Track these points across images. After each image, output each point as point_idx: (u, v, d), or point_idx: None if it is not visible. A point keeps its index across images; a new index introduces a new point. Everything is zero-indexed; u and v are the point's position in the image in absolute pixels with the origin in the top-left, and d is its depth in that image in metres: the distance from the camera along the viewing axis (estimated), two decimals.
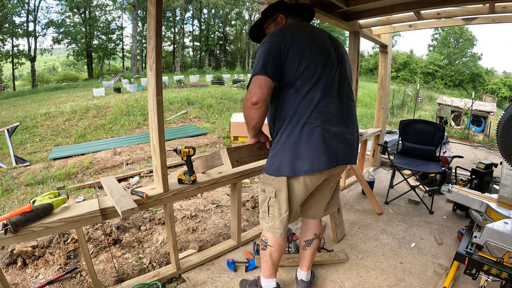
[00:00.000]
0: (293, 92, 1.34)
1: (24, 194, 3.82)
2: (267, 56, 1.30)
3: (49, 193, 1.51)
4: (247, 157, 1.50)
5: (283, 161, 1.36)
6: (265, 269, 1.65)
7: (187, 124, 8.26)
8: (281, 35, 1.33)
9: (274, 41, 1.32)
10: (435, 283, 1.93)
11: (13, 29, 22.94)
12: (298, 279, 1.82)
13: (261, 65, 1.29)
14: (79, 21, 27.60)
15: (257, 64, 1.31)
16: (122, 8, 29.85)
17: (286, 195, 1.42)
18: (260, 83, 1.28)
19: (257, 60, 1.33)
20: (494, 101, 17.20)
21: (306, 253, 1.74)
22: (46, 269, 2.06)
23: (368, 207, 3.03)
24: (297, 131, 1.34)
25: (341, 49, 1.49)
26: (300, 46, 1.33)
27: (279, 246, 1.55)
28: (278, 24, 1.53)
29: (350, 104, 1.50)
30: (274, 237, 1.53)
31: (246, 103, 1.32)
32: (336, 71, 1.41)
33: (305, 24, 1.50)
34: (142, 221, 2.72)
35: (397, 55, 32.73)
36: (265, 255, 1.60)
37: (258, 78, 1.28)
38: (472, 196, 2.03)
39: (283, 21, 1.52)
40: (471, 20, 3.09)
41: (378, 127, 4.16)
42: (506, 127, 1.71)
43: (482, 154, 5.79)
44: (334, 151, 1.37)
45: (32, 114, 8.70)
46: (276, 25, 1.53)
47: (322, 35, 1.44)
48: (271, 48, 1.32)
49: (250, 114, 1.35)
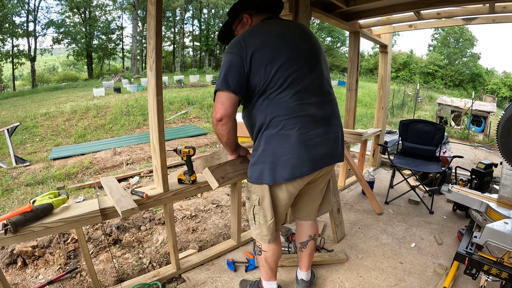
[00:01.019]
0: (265, 99, 1.28)
1: (24, 194, 3.82)
2: (228, 68, 1.24)
3: (49, 193, 1.51)
4: (232, 172, 1.45)
5: (263, 169, 1.32)
6: (263, 273, 1.65)
7: (187, 124, 8.26)
8: (242, 43, 1.26)
9: (234, 51, 1.26)
10: (435, 283, 1.93)
11: (13, 29, 22.93)
12: (298, 279, 1.82)
13: (222, 79, 1.23)
14: (79, 21, 27.59)
15: (219, 77, 1.26)
16: (122, 8, 29.85)
17: (269, 202, 1.39)
18: (223, 99, 1.23)
19: (220, 72, 1.28)
20: (494, 101, 17.20)
21: (303, 254, 1.73)
22: (46, 269, 2.06)
23: (368, 207, 3.03)
24: (275, 138, 1.28)
25: (313, 39, 1.41)
26: (266, 50, 1.25)
27: (273, 251, 1.54)
28: (244, 25, 1.45)
29: (331, 99, 1.42)
30: (268, 242, 1.50)
31: (213, 120, 1.28)
32: (312, 68, 1.34)
33: (270, 22, 1.39)
34: (142, 221, 2.72)
35: (397, 55, 32.73)
36: (261, 260, 1.60)
37: (221, 94, 1.23)
38: (472, 196, 2.03)
39: (249, 21, 1.43)
40: (471, 20, 3.08)
41: (378, 127, 4.15)
42: (506, 127, 1.71)
43: (482, 154, 5.79)
44: (316, 155, 1.31)
45: (32, 114, 8.70)
46: (243, 26, 1.46)
47: (290, 29, 1.36)
48: (231, 59, 1.26)
49: (218, 131, 1.30)
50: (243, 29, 1.44)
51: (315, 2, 2.50)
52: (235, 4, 1.45)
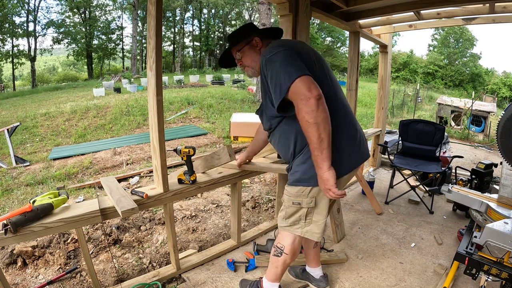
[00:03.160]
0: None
1: (24, 194, 3.82)
2: (292, 60, 1.23)
3: (49, 193, 1.51)
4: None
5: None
6: (272, 274, 1.63)
7: (187, 124, 8.26)
8: (286, 44, 1.32)
9: (286, 48, 1.28)
10: (435, 283, 1.93)
11: (13, 29, 22.96)
12: (316, 276, 1.84)
13: (294, 68, 1.20)
14: (79, 21, 27.62)
15: (285, 72, 1.21)
16: (122, 8, 29.88)
17: (328, 201, 1.41)
18: (308, 81, 1.18)
19: (279, 73, 1.23)
20: (494, 101, 17.20)
21: (316, 250, 1.81)
22: (46, 269, 2.06)
23: (368, 207, 3.03)
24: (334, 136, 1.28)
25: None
26: (303, 52, 1.32)
27: (294, 253, 1.55)
28: (253, 47, 1.47)
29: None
30: (292, 245, 1.51)
31: (310, 105, 1.16)
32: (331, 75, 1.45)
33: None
34: (142, 221, 2.72)
35: (397, 55, 32.73)
36: (277, 261, 1.57)
37: (302, 79, 1.18)
38: (472, 196, 2.03)
39: (259, 44, 1.47)
40: (471, 20, 3.08)
41: (378, 127, 4.16)
42: (506, 127, 1.71)
43: (482, 154, 5.79)
44: (359, 151, 1.44)
45: (32, 114, 8.71)
46: (251, 48, 1.47)
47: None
48: (288, 54, 1.26)
49: (321, 115, 1.17)
50: (251, 50, 1.47)
51: (315, 2, 2.50)
52: (243, 26, 1.51)
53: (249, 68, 1.50)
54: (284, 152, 1.48)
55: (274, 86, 1.25)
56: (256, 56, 1.46)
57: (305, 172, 1.37)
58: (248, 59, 1.48)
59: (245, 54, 1.49)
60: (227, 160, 1.84)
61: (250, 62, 1.48)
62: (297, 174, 1.41)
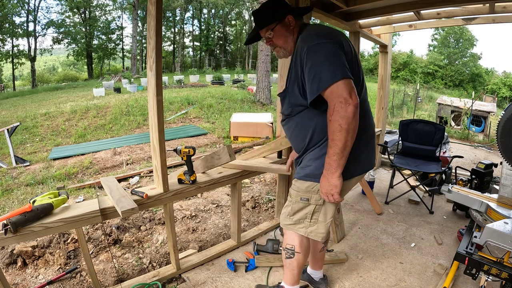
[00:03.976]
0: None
1: (24, 194, 3.82)
2: (338, 57, 1.17)
3: (49, 193, 1.51)
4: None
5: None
6: (290, 277, 1.58)
7: (187, 124, 8.26)
8: (332, 35, 1.24)
9: (333, 40, 1.21)
10: (435, 283, 1.93)
11: (13, 29, 22.96)
12: (316, 279, 1.84)
13: (341, 69, 1.15)
14: (79, 21, 27.62)
15: (329, 69, 1.15)
16: (122, 8, 29.87)
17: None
18: (350, 86, 1.15)
19: (322, 67, 1.17)
20: (494, 101, 17.21)
21: (322, 254, 1.79)
22: (46, 269, 2.06)
23: (368, 207, 3.03)
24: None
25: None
26: (347, 49, 1.26)
27: (306, 250, 1.52)
28: (286, 26, 1.38)
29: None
30: (302, 242, 1.48)
31: (348, 110, 1.13)
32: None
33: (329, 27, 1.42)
34: (142, 221, 2.72)
35: (397, 55, 32.72)
36: (291, 263, 1.53)
37: (346, 82, 1.14)
38: (472, 196, 2.03)
39: (292, 23, 1.38)
40: (471, 20, 3.08)
41: (378, 127, 4.16)
42: (506, 127, 1.71)
43: (482, 154, 5.79)
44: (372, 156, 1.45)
45: (32, 114, 8.70)
46: (285, 26, 1.38)
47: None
48: (334, 49, 1.19)
49: (353, 123, 1.16)
50: (283, 30, 1.38)
51: (315, 2, 2.50)
52: (275, 4, 1.38)
53: (281, 49, 1.41)
54: (296, 141, 1.44)
55: (313, 79, 1.18)
56: (289, 36, 1.38)
57: (318, 167, 1.32)
58: (280, 39, 1.39)
59: (277, 33, 1.38)
60: (227, 160, 1.84)
61: (283, 43, 1.39)
62: (308, 168, 1.36)
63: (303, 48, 1.23)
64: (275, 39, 1.40)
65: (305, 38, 1.26)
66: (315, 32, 1.28)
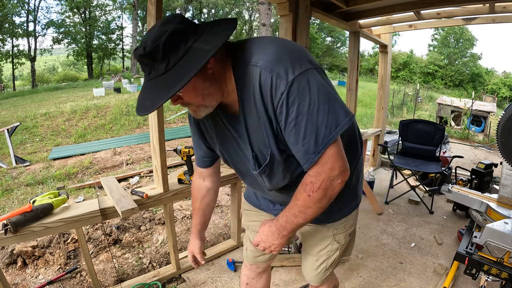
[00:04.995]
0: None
1: (24, 194, 3.82)
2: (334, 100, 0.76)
3: (49, 193, 1.51)
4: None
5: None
6: None
7: (187, 124, 8.25)
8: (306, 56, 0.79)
9: (314, 66, 0.77)
10: (435, 283, 1.93)
11: (13, 29, 22.94)
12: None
13: (333, 121, 0.74)
14: (79, 21, 27.59)
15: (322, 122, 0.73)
16: (122, 8, 29.86)
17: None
18: (338, 149, 0.78)
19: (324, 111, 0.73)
20: (494, 101, 17.19)
21: None
22: (46, 269, 2.06)
23: (368, 207, 3.03)
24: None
25: None
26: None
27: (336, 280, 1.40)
28: (205, 75, 0.77)
29: None
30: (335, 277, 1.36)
31: (337, 186, 0.80)
32: None
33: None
34: (142, 221, 2.72)
35: (397, 55, 32.71)
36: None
37: (335, 145, 0.76)
38: (472, 196, 2.03)
39: (217, 67, 0.79)
40: (471, 20, 3.08)
41: (378, 127, 4.15)
42: (506, 127, 1.71)
43: (482, 154, 5.79)
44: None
45: (32, 114, 8.70)
46: (203, 77, 0.77)
47: None
48: (325, 83, 0.77)
49: (334, 191, 0.80)
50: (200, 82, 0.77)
51: (315, 2, 2.50)
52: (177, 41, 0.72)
53: (201, 108, 0.82)
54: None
55: (304, 136, 0.75)
56: (214, 85, 0.79)
57: (349, 203, 1.08)
58: (196, 94, 0.78)
59: (189, 90, 0.76)
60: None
61: (201, 99, 0.80)
62: (351, 201, 1.09)
63: (276, 86, 0.72)
64: (186, 96, 0.78)
65: (267, 65, 0.73)
66: (274, 50, 0.76)
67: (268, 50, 0.76)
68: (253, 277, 1.33)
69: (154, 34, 0.70)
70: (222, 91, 0.82)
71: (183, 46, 0.71)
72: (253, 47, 0.79)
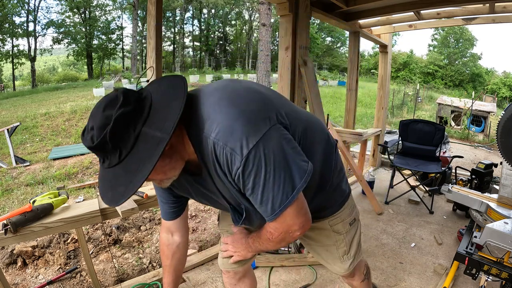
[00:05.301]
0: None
1: (24, 194, 3.82)
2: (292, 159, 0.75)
3: (49, 193, 1.51)
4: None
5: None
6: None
7: None
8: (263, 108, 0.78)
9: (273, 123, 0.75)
10: (435, 283, 1.93)
11: (13, 29, 22.95)
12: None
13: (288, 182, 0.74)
14: (79, 21, 27.60)
15: (278, 190, 0.73)
16: (122, 8, 29.86)
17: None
18: (300, 206, 0.80)
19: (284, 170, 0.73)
20: (494, 101, 17.19)
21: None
22: (46, 269, 2.06)
23: (368, 207, 3.03)
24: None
25: None
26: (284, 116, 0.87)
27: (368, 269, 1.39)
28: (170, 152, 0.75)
29: None
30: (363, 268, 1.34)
31: (294, 237, 0.85)
32: None
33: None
34: (142, 221, 2.72)
35: (397, 55, 32.72)
36: (368, 282, 1.40)
37: (295, 205, 0.77)
38: (472, 196, 2.03)
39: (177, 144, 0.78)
40: (471, 20, 3.09)
41: (378, 127, 4.16)
42: (506, 127, 1.71)
43: (482, 154, 5.79)
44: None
45: (32, 114, 8.70)
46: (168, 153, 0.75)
47: None
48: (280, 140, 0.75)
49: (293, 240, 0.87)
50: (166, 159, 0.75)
51: (315, 2, 2.50)
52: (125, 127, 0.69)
53: (165, 180, 0.82)
54: None
55: (260, 201, 0.75)
56: (172, 159, 0.77)
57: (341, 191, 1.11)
58: (157, 173, 0.76)
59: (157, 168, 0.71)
60: None
61: (163, 175, 0.79)
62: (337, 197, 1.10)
63: (231, 161, 0.71)
64: (155, 174, 0.75)
65: (219, 138, 0.71)
66: (227, 117, 0.72)
67: (220, 116, 0.72)
68: (234, 283, 1.32)
69: (99, 121, 0.67)
70: (183, 158, 0.80)
71: (132, 132, 0.68)
72: (204, 109, 0.75)
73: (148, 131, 0.68)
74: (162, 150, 0.66)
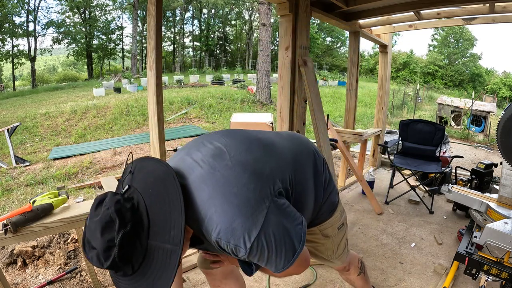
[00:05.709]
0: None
1: (24, 194, 3.82)
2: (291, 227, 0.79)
3: (49, 193, 1.51)
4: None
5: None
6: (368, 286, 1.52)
7: (187, 124, 8.27)
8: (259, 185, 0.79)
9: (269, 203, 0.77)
10: (435, 283, 1.93)
11: (13, 29, 22.94)
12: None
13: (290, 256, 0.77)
14: (79, 21, 27.60)
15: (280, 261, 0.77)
16: (122, 8, 29.86)
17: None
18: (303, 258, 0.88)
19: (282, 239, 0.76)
20: (494, 101, 17.20)
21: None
22: (46, 269, 2.06)
23: (368, 207, 3.03)
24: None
25: None
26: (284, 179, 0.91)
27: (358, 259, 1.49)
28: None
29: None
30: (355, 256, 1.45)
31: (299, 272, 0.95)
32: None
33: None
34: None
35: (397, 55, 32.71)
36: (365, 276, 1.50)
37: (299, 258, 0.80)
38: (472, 196, 2.03)
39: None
40: (471, 20, 3.09)
41: (378, 127, 4.15)
42: (506, 127, 1.71)
43: (482, 154, 5.79)
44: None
45: (32, 114, 8.70)
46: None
47: None
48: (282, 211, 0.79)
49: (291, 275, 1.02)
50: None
51: (315, 2, 2.50)
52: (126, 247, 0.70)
53: None
54: None
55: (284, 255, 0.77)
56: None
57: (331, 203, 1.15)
58: None
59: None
60: None
61: None
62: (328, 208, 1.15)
63: (236, 252, 0.74)
64: None
65: (221, 236, 0.72)
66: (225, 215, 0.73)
67: (217, 217, 0.73)
68: (218, 285, 1.32)
69: (102, 245, 0.67)
70: (187, 238, 0.83)
71: (139, 247, 0.70)
72: (199, 208, 0.75)
73: (155, 244, 0.70)
74: (177, 263, 0.68)
